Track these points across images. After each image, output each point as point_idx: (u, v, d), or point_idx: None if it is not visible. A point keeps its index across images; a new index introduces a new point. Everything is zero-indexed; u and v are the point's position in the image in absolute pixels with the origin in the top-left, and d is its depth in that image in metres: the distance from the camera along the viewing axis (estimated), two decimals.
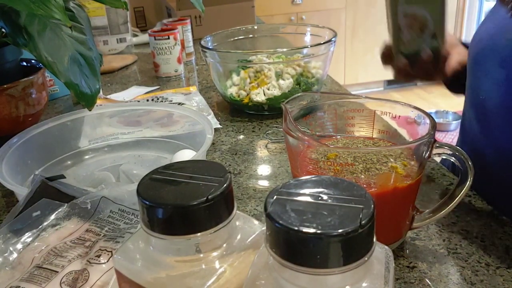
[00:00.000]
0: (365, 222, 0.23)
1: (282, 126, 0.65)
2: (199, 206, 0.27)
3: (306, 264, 0.23)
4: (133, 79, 1.18)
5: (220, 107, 0.95)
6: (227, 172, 0.29)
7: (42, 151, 0.66)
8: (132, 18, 1.68)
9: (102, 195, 0.47)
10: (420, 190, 0.48)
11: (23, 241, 0.44)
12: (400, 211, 0.48)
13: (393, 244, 0.49)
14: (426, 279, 0.45)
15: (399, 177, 0.44)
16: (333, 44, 0.87)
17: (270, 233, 0.24)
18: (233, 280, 0.28)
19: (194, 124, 0.68)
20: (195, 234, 0.27)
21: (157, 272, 0.29)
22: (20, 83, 0.75)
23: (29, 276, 0.39)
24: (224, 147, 0.76)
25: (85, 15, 0.70)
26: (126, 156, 0.71)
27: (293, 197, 0.25)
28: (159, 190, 0.28)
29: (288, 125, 0.47)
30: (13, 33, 0.61)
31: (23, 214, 0.46)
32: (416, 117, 0.49)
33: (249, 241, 0.30)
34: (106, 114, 0.74)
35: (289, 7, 3.22)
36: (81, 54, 0.64)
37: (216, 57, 0.87)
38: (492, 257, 0.47)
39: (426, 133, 0.46)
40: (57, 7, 0.56)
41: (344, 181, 0.26)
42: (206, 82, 1.12)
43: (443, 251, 0.49)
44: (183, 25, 1.24)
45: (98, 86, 0.65)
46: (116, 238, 0.42)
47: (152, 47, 1.14)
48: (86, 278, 0.38)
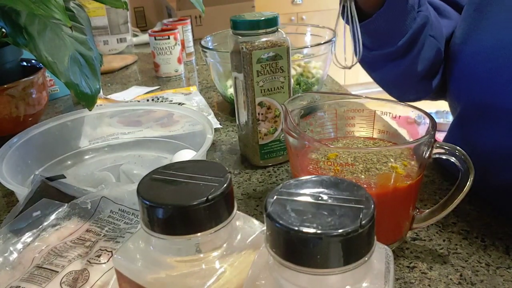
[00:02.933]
0: (365, 222, 0.23)
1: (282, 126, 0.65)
2: (199, 206, 0.27)
3: (306, 264, 0.23)
4: (133, 79, 1.18)
5: (220, 107, 0.95)
6: (227, 172, 0.29)
7: (42, 151, 0.66)
8: (132, 18, 1.68)
9: (102, 195, 0.47)
10: (420, 190, 0.48)
11: (23, 241, 0.44)
12: (400, 211, 0.48)
13: (393, 244, 0.49)
14: (426, 279, 0.45)
15: (399, 177, 0.44)
16: (333, 44, 0.87)
17: (270, 233, 0.24)
18: (233, 280, 0.28)
19: (194, 124, 0.68)
20: (195, 234, 0.27)
21: (157, 272, 0.29)
22: (20, 83, 0.75)
23: (29, 276, 0.39)
24: (224, 147, 0.76)
25: (85, 15, 0.70)
26: (126, 156, 0.71)
27: (293, 197, 0.25)
28: (159, 190, 0.28)
29: (288, 125, 0.47)
30: (14, 33, 0.61)
31: (23, 214, 0.46)
32: (416, 117, 0.49)
33: (249, 241, 0.30)
34: (106, 114, 0.74)
35: (289, 7, 3.23)
36: (81, 54, 0.64)
37: (216, 57, 0.87)
38: (492, 257, 0.47)
39: (426, 133, 0.46)
40: (57, 7, 0.56)
41: (344, 181, 0.26)
42: (206, 82, 1.12)
43: (443, 251, 0.49)
44: (183, 25, 1.24)
45: (98, 86, 0.65)
46: (116, 238, 0.42)
47: (152, 47, 1.14)
48: (86, 278, 0.38)
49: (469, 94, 0.58)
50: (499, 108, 0.52)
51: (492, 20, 0.55)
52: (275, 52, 0.61)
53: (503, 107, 0.52)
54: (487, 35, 0.55)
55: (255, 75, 0.62)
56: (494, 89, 0.53)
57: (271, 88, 0.63)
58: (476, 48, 0.56)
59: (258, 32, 0.61)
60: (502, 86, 0.52)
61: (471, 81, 0.57)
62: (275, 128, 0.66)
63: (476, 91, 0.56)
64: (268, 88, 0.63)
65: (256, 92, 0.63)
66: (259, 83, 0.62)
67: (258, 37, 0.61)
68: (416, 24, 0.59)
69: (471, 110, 0.58)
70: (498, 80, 0.53)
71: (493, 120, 0.54)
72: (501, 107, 0.52)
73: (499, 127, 0.52)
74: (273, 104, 0.64)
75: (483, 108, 0.55)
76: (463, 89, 0.59)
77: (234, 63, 0.65)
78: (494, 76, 0.53)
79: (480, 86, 0.55)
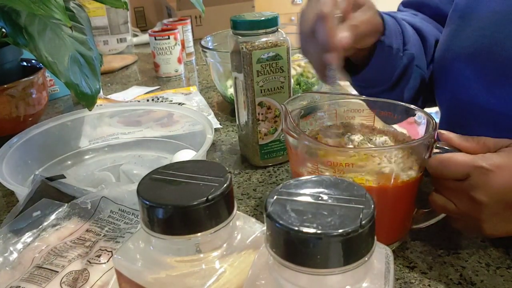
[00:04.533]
0: (365, 222, 0.23)
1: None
2: (199, 206, 0.27)
3: (306, 264, 0.23)
4: (133, 79, 1.18)
5: (220, 107, 0.95)
6: (227, 172, 0.29)
7: (43, 151, 0.66)
8: (133, 18, 1.68)
9: (102, 195, 0.47)
10: (420, 190, 0.48)
11: (23, 241, 0.44)
12: (400, 211, 0.48)
13: (393, 244, 0.49)
14: (426, 279, 0.45)
15: (399, 177, 0.44)
16: None
17: (270, 233, 0.24)
18: (233, 280, 0.28)
19: (194, 124, 0.68)
20: (195, 234, 0.27)
21: (157, 272, 0.29)
22: (20, 83, 0.75)
23: (29, 276, 0.39)
24: (224, 147, 0.76)
25: (86, 15, 0.70)
26: (126, 156, 0.71)
27: (293, 197, 0.25)
28: (159, 190, 0.28)
29: (288, 125, 0.47)
30: (14, 33, 0.61)
31: (23, 214, 0.46)
32: (416, 117, 0.49)
33: (249, 241, 0.30)
34: (106, 114, 0.74)
35: (289, 7, 3.22)
36: (81, 54, 0.64)
37: (216, 57, 0.87)
38: (492, 257, 0.47)
39: (426, 133, 0.46)
40: (57, 7, 0.56)
41: (344, 181, 0.26)
42: (206, 82, 1.12)
43: (443, 251, 0.49)
44: (183, 25, 1.24)
45: (98, 86, 0.65)
46: (116, 238, 0.42)
47: (152, 47, 1.14)
48: (86, 278, 0.38)
49: (451, 97, 0.60)
50: (481, 109, 0.54)
51: (473, 27, 0.56)
52: (275, 52, 0.61)
53: (485, 108, 0.53)
54: (468, 40, 0.56)
55: (255, 75, 0.62)
56: (475, 91, 0.55)
57: (271, 88, 0.63)
58: (458, 53, 0.57)
59: (258, 32, 0.61)
60: (483, 88, 0.54)
61: (453, 85, 0.58)
62: (275, 128, 0.66)
63: (458, 94, 0.57)
64: (268, 88, 0.63)
65: (256, 92, 0.63)
66: (259, 83, 0.62)
67: (258, 37, 0.61)
68: (402, 63, 0.60)
69: (455, 113, 0.60)
70: (478, 83, 0.54)
71: (475, 122, 0.56)
72: (483, 108, 0.54)
73: (482, 128, 0.53)
74: (273, 104, 0.64)
75: (466, 110, 0.57)
76: (447, 93, 0.61)
77: (234, 63, 0.65)
78: (475, 79, 0.55)
79: (462, 90, 0.57)
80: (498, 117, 0.53)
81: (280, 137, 0.66)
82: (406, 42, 0.59)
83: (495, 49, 0.52)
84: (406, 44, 0.59)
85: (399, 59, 0.59)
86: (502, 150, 0.43)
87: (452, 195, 0.44)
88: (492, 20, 0.54)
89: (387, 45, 0.57)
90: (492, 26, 0.53)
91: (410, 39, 0.60)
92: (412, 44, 0.60)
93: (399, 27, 0.59)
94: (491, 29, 0.53)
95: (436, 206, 0.46)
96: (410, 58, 0.60)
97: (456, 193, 0.43)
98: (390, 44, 0.57)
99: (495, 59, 0.52)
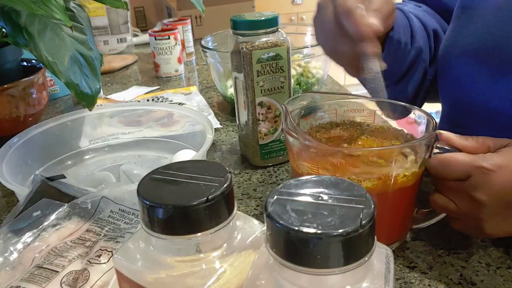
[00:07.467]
0: (365, 222, 0.23)
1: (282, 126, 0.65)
2: (199, 206, 0.27)
3: (306, 264, 0.23)
4: (134, 79, 1.18)
5: (220, 107, 0.95)
6: (227, 172, 0.29)
7: (43, 151, 0.66)
8: (133, 18, 1.68)
9: (103, 195, 0.47)
10: (420, 190, 0.48)
11: (23, 241, 0.44)
12: (401, 211, 0.48)
13: (394, 244, 0.49)
14: (426, 279, 0.45)
15: (399, 177, 0.44)
16: None
17: (271, 233, 0.24)
18: (233, 280, 0.28)
19: (194, 124, 0.68)
20: (195, 234, 0.27)
21: (158, 272, 0.29)
22: (20, 83, 0.75)
23: (30, 276, 0.39)
24: (224, 147, 0.76)
25: (86, 15, 0.70)
26: (127, 156, 0.71)
27: (293, 197, 0.25)
28: (159, 190, 0.28)
29: (288, 125, 0.47)
30: (14, 33, 0.61)
31: (23, 214, 0.46)
32: (417, 117, 0.49)
33: (249, 241, 0.30)
34: (106, 114, 0.74)
35: (289, 7, 3.22)
36: (82, 54, 0.64)
37: (216, 57, 0.87)
38: (492, 257, 0.47)
39: (426, 133, 0.46)
40: (57, 7, 0.56)
41: (345, 181, 0.26)
42: (207, 82, 1.12)
43: (443, 251, 0.49)
44: (183, 25, 1.24)
45: (98, 86, 0.65)
46: (117, 238, 0.42)
47: (152, 47, 1.14)
48: (87, 278, 0.38)
49: (454, 94, 0.59)
50: (483, 107, 0.54)
51: (478, 23, 0.56)
52: (275, 52, 0.61)
53: (486, 107, 0.53)
54: (472, 37, 0.56)
55: (255, 75, 0.62)
56: (478, 89, 0.55)
57: (271, 88, 0.63)
58: (462, 50, 0.57)
59: (258, 32, 0.61)
60: (485, 85, 0.53)
61: (456, 82, 0.58)
62: (275, 128, 0.66)
63: (461, 90, 0.57)
64: (268, 88, 0.63)
65: (256, 92, 0.63)
66: (259, 83, 0.62)
67: (258, 37, 0.61)
68: (410, 57, 0.60)
69: (457, 110, 0.59)
70: (481, 81, 0.54)
71: (477, 120, 0.55)
72: (484, 107, 0.54)
73: (483, 127, 0.53)
74: (273, 104, 0.64)
75: (468, 108, 0.56)
76: (449, 90, 0.60)
77: (234, 63, 0.65)
78: (478, 77, 0.54)
79: (464, 86, 0.56)
80: (498, 117, 0.53)
81: (280, 137, 0.66)
82: (414, 35, 0.60)
83: (499, 45, 0.52)
84: (413, 37, 0.60)
85: (407, 53, 0.60)
86: (502, 149, 0.43)
87: (453, 195, 0.44)
88: (496, 16, 0.54)
89: (396, 39, 0.57)
90: (496, 23, 0.53)
91: (417, 32, 0.60)
92: (419, 37, 0.61)
93: (407, 21, 0.59)
94: (495, 26, 0.53)
95: (437, 206, 0.46)
96: (418, 52, 0.61)
97: (457, 193, 0.44)
98: (398, 38, 0.57)
99: (499, 56, 0.52)
